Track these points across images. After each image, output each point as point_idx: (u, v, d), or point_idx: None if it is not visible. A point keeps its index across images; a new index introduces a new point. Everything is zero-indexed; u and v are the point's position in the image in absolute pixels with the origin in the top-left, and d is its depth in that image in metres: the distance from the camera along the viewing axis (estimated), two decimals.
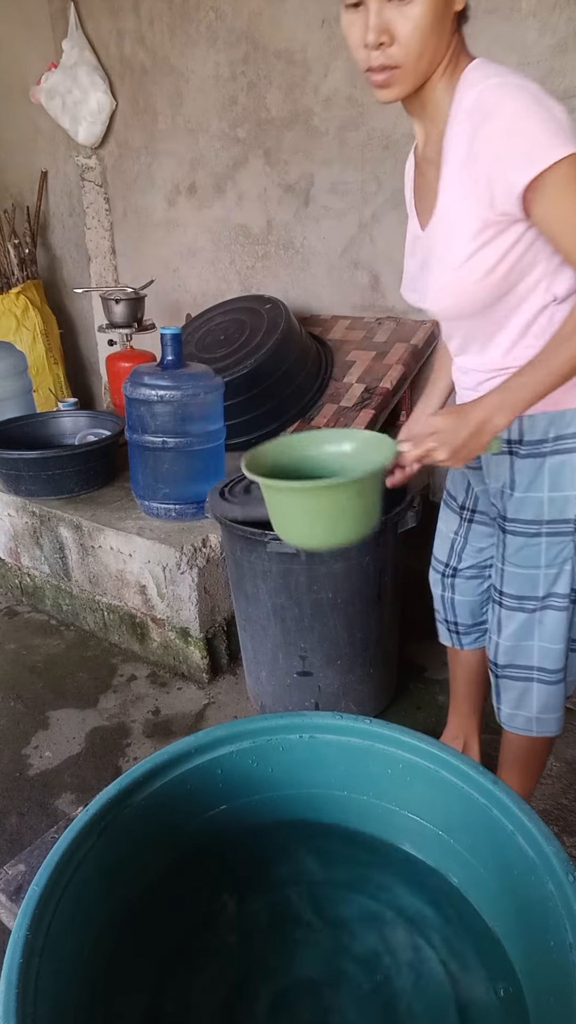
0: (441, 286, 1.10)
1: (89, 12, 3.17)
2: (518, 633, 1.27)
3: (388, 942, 0.92)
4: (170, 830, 0.94)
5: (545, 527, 1.18)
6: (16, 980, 0.65)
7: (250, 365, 2.40)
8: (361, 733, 0.96)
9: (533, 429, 1.15)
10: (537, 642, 1.26)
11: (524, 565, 1.23)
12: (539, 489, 1.17)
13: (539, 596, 1.23)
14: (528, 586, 1.23)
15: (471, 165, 0.98)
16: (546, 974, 0.75)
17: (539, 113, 0.92)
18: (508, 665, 1.30)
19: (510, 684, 1.31)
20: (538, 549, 1.20)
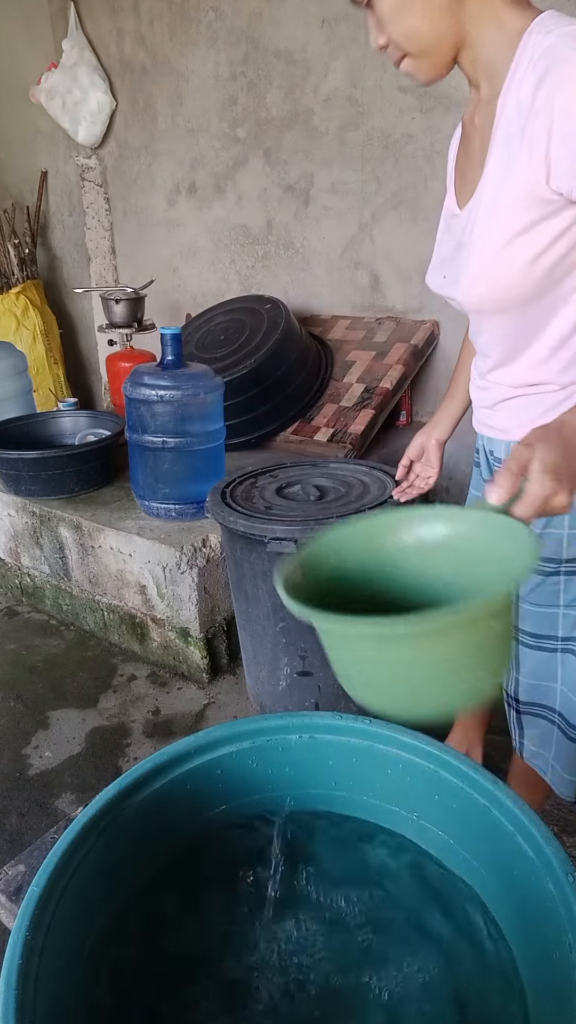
0: (476, 272, 0.96)
1: (89, 12, 3.17)
2: (538, 672, 1.19)
3: (388, 940, 0.92)
4: (170, 830, 0.94)
5: (564, 566, 1.09)
6: (16, 980, 0.65)
7: (250, 365, 2.40)
8: (361, 733, 0.96)
9: None
10: (560, 685, 1.17)
11: (541, 604, 1.14)
12: (558, 526, 1.07)
13: (559, 636, 1.15)
14: (547, 625, 1.15)
15: (531, 123, 0.84)
16: (546, 974, 0.75)
17: None
18: (530, 703, 1.23)
19: (533, 721, 1.24)
20: (557, 588, 1.12)
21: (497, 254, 0.92)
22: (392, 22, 0.90)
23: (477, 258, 0.95)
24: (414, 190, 2.53)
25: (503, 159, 0.89)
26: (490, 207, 0.92)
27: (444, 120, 2.40)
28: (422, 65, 0.94)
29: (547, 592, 1.12)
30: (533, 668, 1.19)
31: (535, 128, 0.83)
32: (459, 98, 2.36)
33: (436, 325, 2.68)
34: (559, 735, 1.21)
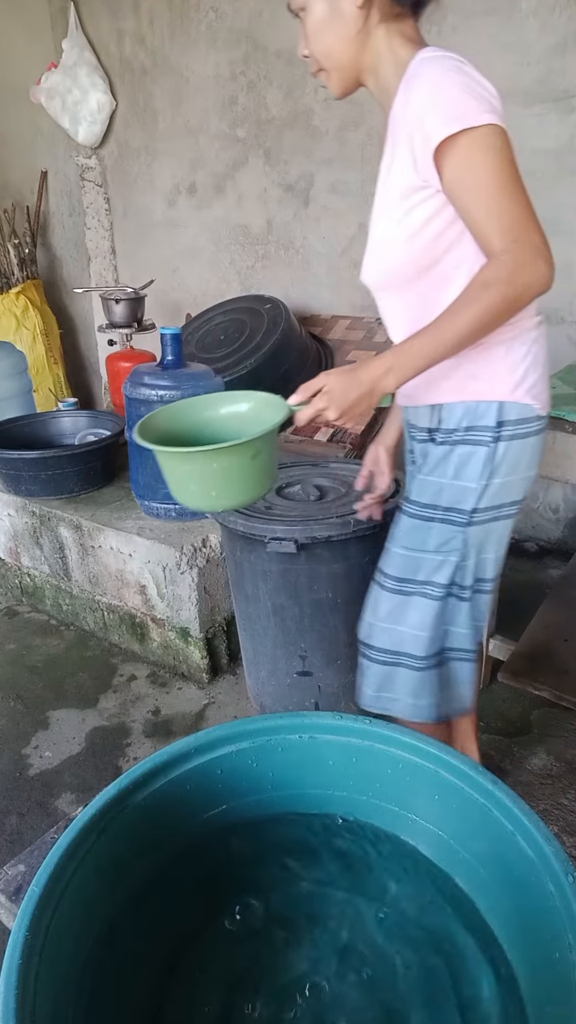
0: (371, 251, 1.16)
1: (89, 12, 3.17)
2: (391, 615, 1.27)
3: (389, 941, 0.92)
4: (170, 830, 0.94)
5: (440, 513, 1.19)
6: (16, 980, 0.65)
7: (250, 365, 2.39)
8: (361, 733, 0.96)
9: (449, 418, 1.17)
10: (406, 628, 1.26)
11: (411, 547, 1.23)
12: (442, 475, 1.18)
13: (418, 580, 1.23)
14: (410, 568, 1.24)
15: (402, 128, 1.03)
16: (546, 974, 0.75)
17: (465, 82, 0.97)
18: (379, 648, 1.30)
19: (376, 668, 1.31)
20: (428, 533, 1.21)
21: (384, 235, 1.11)
22: (314, 38, 1.08)
23: (371, 241, 1.15)
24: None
25: (389, 160, 1.08)
26: (380, 199, 1.11)
27: None
28: (333, 79, 1.12)
29: (417, 536, 1.22)
30: (389, 611, 1.27)
31: (403, 131, 1.02)
32: None
33: None
34: (405, 672, 1.28)
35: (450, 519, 1.19)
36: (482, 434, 1.14)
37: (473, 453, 1.15)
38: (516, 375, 1.12)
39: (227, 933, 0.93)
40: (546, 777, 1.68)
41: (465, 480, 1.16)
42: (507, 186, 0.97)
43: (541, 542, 2.81)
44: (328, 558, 1.59)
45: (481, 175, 0.97)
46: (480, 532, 1.19)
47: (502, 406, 1.12)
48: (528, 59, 2.25)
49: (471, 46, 2.34)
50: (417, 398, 1.21)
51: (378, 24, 1.06)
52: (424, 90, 0.99)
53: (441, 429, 1.19)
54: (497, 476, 1.15)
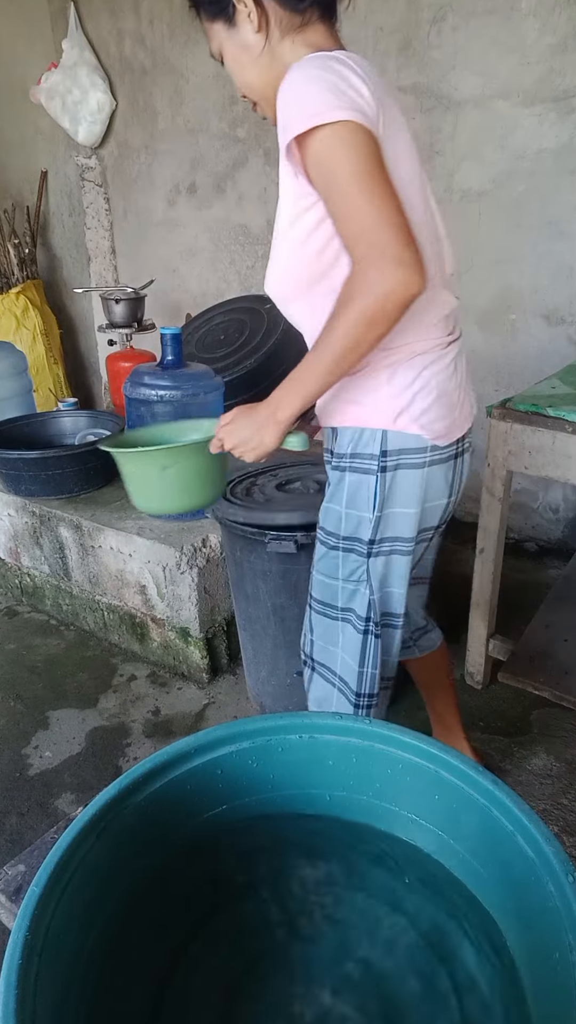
0: (271, 261, 1.13)
1: (89, 12, 3.17)
2: (326, 636, 1.27)
3: (389, 940, 0.92)
4: (170, 830, 0.94)
5: (343, 542, 1.17)
6: (16, 980, 0.65)
7: (250, 365, 2.40)
8: (361, 733, 0.96)
9: (340, 442, 1.14)
10: (340, 651, 1.25)
11: (326, 574, 1.22)
12: (338, 502, 1.16)
13: (339, 607, 1.22)
14: (329, 595, 1.23)
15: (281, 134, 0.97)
16: (546, 974, 0.75)
17: (327, 79, 0.90)
18: (321, 664, 1.30)
19: (319, 682, 1.31)
20: (336, 561, 1.19)
21: (278, 242, 1.08)
22: (235, 75, 1.10)
23: (273, 248, 1.11)
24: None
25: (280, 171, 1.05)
26: (278, 209, 1.07)
27: (444, 120, 2.40)
28: (266, 107, 1.11)
29: (329, 564, 1.21)
30: (323, 632, 1.27)
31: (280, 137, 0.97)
32: (459, 98, 2.36)
33: None
34: (339, 696, 1.28)
35: (352, 548, 1.17)
36: (367, 462, 1.10)
37: (361, 481, 1.11)
38: (399, 403, 1.06)
39: (227, 933, 0.93)
40: (546, 777, 1.68)
41: (359, 509, 1.13)
42: (362, 185, 0.87)
43: (541, 542, 2.81)
44: None
45: (336, 174, 0.89)
46: (383, 565, 1.16)
47: (385, 434, 1.07)
48: (528, 59, 2.25)
49: (471, 46, 2.35)
50: (321, 418, 1.20)
51: (281, 41, 1.04)
52: (284, 91, 0.94)
53: (334, 453, 1.16)
54: (389, 507, 1.11)
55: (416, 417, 1.06)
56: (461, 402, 1.12)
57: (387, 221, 0.86)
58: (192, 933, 0.93)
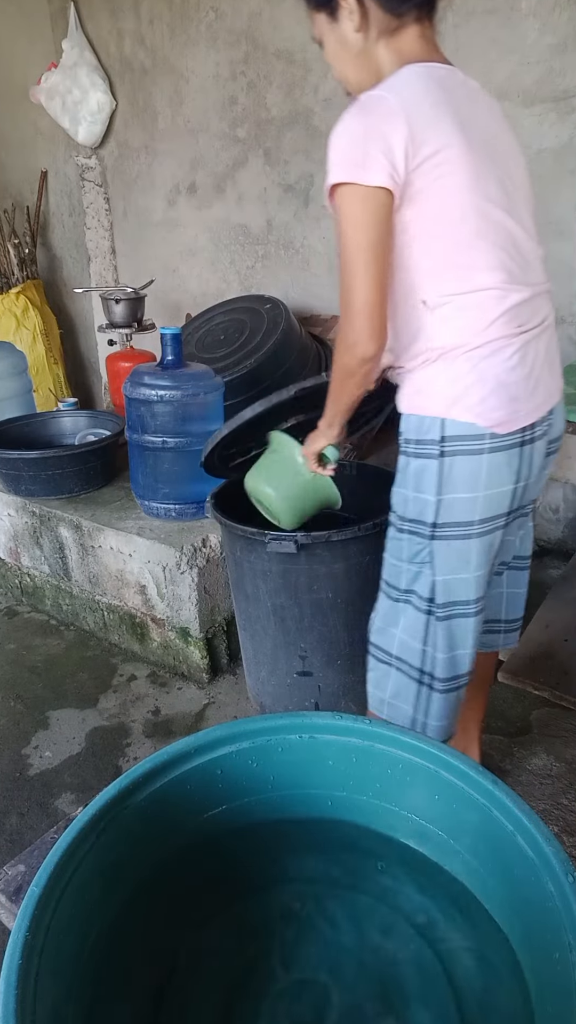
0: None
1: (89, 12, 3.17)
2: (387, 617, 1.30)
3: (389, 940, 0.91)
4: (170, 830, 0.94)
5: (407, 524, 1.21)
6: (16, 980, 0.65)
7: (250, 365, 2.39)
8: (361, 733, 0.96)
9: (407, 428, 1.18)
10: (399, 632, 1.27)
11: (392, 555, 1.26)
12: (405, 486, 1.20)
13: (401, 588, 1.25)
14: (394, 576, 1.26)
15: None
16: (546, 974, 0.75)
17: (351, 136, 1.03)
18: (376, 647, 1.33)
19: (374, 664, 1.34)
20: (402, 544, 1.23)
21: None
22: (332, 65, 1.18)
23: None
24: None
25: None
26: None
27: None
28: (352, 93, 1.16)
29: (395, 545, 1.25)
30: (384, 613, 1.30)
31: None
32: None
33: None
34: (396, 674, 1.30)
35: (416, 531, 1.19)
36: (429, 447, 1.14)
37: (424, 466, 1.15)
38: (454, 391, 1.11)
39: (227, 933, 0.93)
40: (546, 777, 1.68)
41: (423, 492, 1.16)
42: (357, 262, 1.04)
43: (541, 542, 2.81)
44: (328, 558, 1.59)
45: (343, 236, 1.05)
46: (447, 548, 1.17)
47: (443, 422, 1.12)
48: (528, 59, 2.24)
49: (471, 46, 2.34)
50: (397, 404, 1.24)
51: (377, 41, 1.10)
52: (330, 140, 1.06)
53: (404, 438, 1.20)
54: (448, 492, 1.14)
55: (471, 407, 1.10)
56: (531, 391, 1.13)
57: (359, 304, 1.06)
58: (192, 933, 0.93)
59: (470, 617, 1.22)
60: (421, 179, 1.03)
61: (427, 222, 1.06)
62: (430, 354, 1.12)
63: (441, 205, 1.05)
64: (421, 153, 1.02)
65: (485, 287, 1.07)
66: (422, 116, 1.02)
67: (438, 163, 1.03)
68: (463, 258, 1.08)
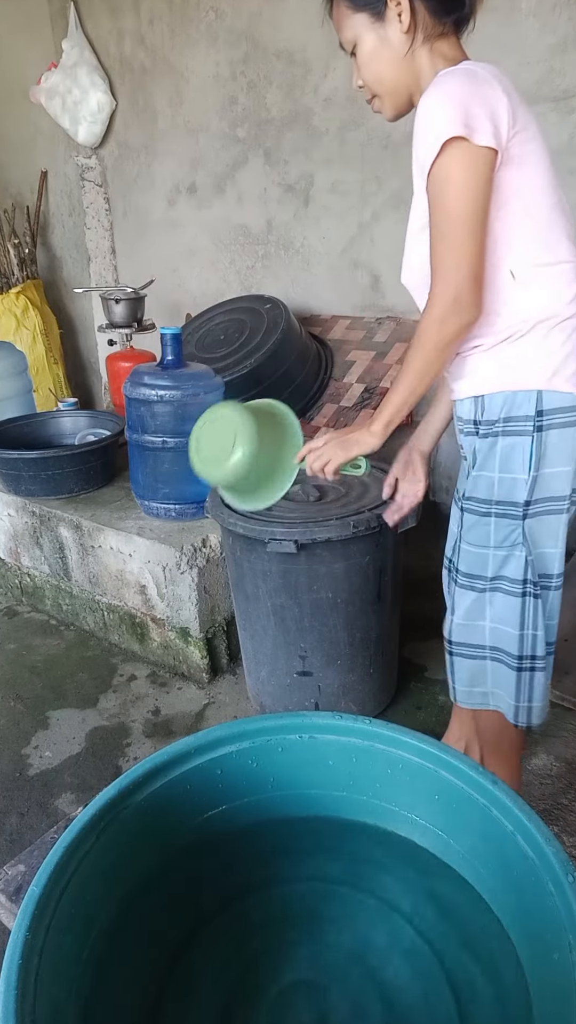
0: (406, 257, 1.22)
1: (89, 12, 3.17)
2: (470, 612, 1.26)
3: (389, 940, 0.92)
4: (170, 830, 0.94)
5: (495, 507, 1.18)
6: (16, 980, 0.65)
7: (250, 365, 2.39)
8: (361, 733, 0.96)
9: (490, 409, 1.17)
10: (488, 623, 1.25)
11: (475, 544, 1.23)
12: (491, 469, 1.18)
13: (488, 576, 1.22)
14: (478, 565, 1.23)
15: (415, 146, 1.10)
16: (546, 974, 0.75)
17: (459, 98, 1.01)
18: (461, 643, 1.29)
19: (463, 663, 1.30)
20: (488, 529, 1.20)
21: (411, 241, 1.19)
22: (365, 67, 1.16)
23: (407, 244, 1.22)
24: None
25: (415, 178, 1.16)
26: (412, 206, 1.19)
27: None
28: (386, 104, 1.20)
29: (480, 532, 1.21)
30: (466, 609, 1.26)
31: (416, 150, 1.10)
32: None
33: None
34: (493, 666, 1.27)
35: (506, 513, 1.17)
36: (522, 424, 1.13)
37: (516, 444, 1.14)
38: (553, 362, 1.11)
39: (227, 933, 0.93)
40: (546, 777, 1.68)
41: (513, 472, 1.15)
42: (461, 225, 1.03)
43: None
44: (328, 558, 1.59)
45: (444, 200, 1.04)
46: (538, 525, 1.17)
47: (540, 395, 1.12)
48: (528, 59, 2.24)
49: (471, 46, 2.34)
50: (461, 391, 1.22)
51: (422, 45, 1.12)
52: (428, 103, 1.04)
53: (484, 421, 1.18)
54: (545, 466, 1.13)
55: (569, 376, 1.11)
56: None
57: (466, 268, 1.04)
58: (192, 933, 0.93)
59: (557, 591, 1.22)
60: (518, 147, 1.05)
61: (522, 187, 1.07)
62: (521, 326, 1.11)
63: (534, 172, 1.07)
64: (518, 123, 1.04)
65: (566, 259, 1.10)
66: (511, 92, 1.05)
67: (528, 137, 1.06)
68: (547, 229, 1.09)
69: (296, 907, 0.96)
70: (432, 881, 0.94)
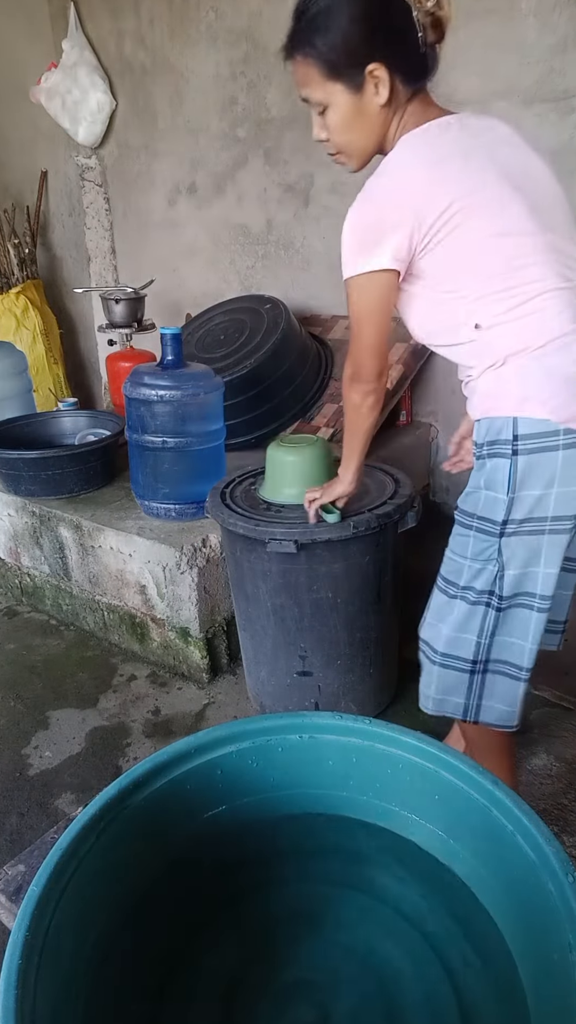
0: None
1: (89, 12, 3.17)
2: (438, 612, 1.32)
3: (389, 940, 0.92)
4: (170, 830, 0.94)
5: (476, 521, 1.23)
6: (16, 980, 0.65)
7: (250, 365, 2.39)
8: (361, 733, 0.96)
9: (479, 433, 1.22)
10: (443, 626, 1.30)
11: (456, 552, 1.28)
12: (477, 485, 1.24)
13: (460, 585, 1.27)
14: (455, 572, 1.28)
15: None
16: (546, 974, 0.75)
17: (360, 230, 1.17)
18: (425, 642, 1.36)
19: (424, 663, 1.36)
20: (467, 540, 1.25)
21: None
22: (336, 132, 1.21)
23: None
24: None
25: None
26: None
27: None
28: (354, 162, 1.26)
29: (460, 543, 1.27)
30: (436, 609, 1.33)
31: None
32: (459, 99, 2.35)
33: None
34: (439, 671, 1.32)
35: (484, 528, 1.21)
36: (503, 447, 1.17)
37: (498, 466, 1.18)
38: (523, 390, 1.15)
39: (227, 933, 0.93)
40: (546, 777, 1.68)
41: (494, 491, 1.19)
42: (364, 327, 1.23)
43: None
44: (328, 558, 1.59)
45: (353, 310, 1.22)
46: (518, 544, 1.19)
47: (515, 421, 1.15)
48: (528, 59, 2.24)
49: (471, 46, 2.34)
50: (470, 414, 1.30)
51: (394, 112, 1.18)
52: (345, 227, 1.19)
53: (478, 443, 1.23)
54: (523, 488, 1.16)
55: (544, 402, 1.14)
56: None
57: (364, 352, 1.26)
58: (192, 933, 0.93)
59: (532, 610, 1.23)
60: (434, 244, 1.13)
61: (463, 255, 1.14)
62: (496, 360, 1.17)
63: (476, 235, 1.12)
64: (427, 225, 1.12)
65: (539, 293, 1.13)
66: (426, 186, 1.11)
67: (448, 219, 1.11)
68: (506, 273, 1.13)
69: (296, 907, 0.96)
70: (432, 881, 0.94)
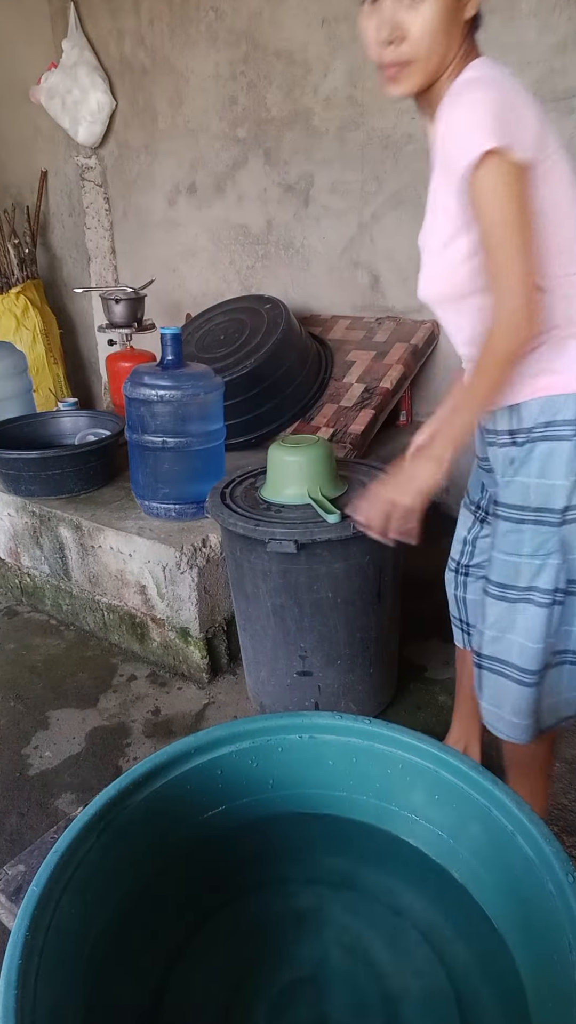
0: (422, 271, 1.19)
1: (89, 12, 3.17)
2: (500, 623, 1.23)
3: (389, 940, 0.91)
4: (170, 830, 0.94)
5: (530, 514, 1.15)
6: (16, 980, 0.65)
7: (250, 365, 2.40)
8: (361, 733, 0.96)
9: (526, 415, 1.14)
10: (517, 638, 1.21)
11: (508, 552, 1.19)
12: (527, 474, 1.15)
13: (520, 587, 1.19)
14: (511, 574, 1.20)
15: (444, 148, 1.05)
16: (546, 974, 0.75)
17: (495, 104, 0.98)
18: (489, 658, 1.26)
19: (489, 679, 1.27)
20: (522, 536, 1.17)
21: (432, 260, 1.16)
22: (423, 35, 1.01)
23: (427, 262, 1.18)
24: (414, 190, 2.53)
25: (434, 181, 1.12)
26: (431, 220, 1.14)
27: None
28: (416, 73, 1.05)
29: (512, 540, 1.19)
30: (496, 619, 1.23)
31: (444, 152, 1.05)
32: None
33: (436, 325, 2.68)
34: (510, 685, 1.24)
35: (542, 520, 1.14)
36: (562, 428, 1.10)
37: (555, 449, 1.11)
38: None
39: (227, 932, 0.93)
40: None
41: (552, 478, 1.12)
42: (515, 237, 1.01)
43: None
44: (328, 558, 1.59)
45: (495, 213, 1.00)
46: (572, 532, 1.14)
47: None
48: (528, 59, 2.25)
49: None
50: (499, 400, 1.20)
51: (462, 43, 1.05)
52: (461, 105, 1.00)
53: (521, 429, 1.16)
54: None
55: None
56: None
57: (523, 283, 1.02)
58: (192, 933, 0.93)
59: None
60: (545, 161, 1.04)
61: (548, 203, 1.05)
62: (557, 332, 1.10)
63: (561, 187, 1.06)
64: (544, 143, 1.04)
65: None
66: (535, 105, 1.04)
67: (552, 151, 1.05)
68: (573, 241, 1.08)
69: (296, 907, 0.96)
70: (432, 881, 0.94)
